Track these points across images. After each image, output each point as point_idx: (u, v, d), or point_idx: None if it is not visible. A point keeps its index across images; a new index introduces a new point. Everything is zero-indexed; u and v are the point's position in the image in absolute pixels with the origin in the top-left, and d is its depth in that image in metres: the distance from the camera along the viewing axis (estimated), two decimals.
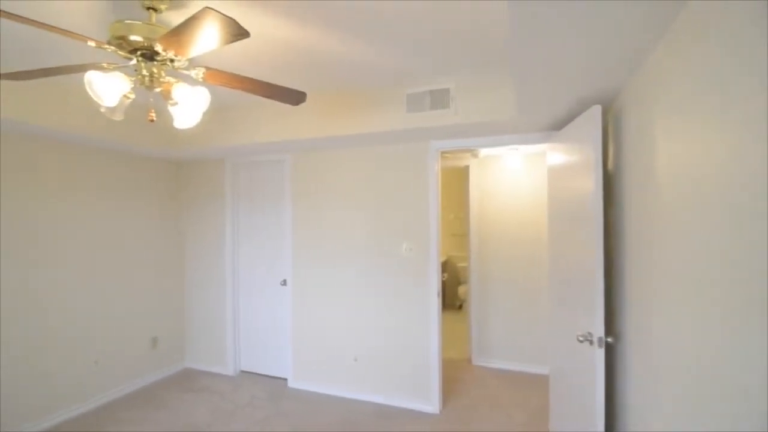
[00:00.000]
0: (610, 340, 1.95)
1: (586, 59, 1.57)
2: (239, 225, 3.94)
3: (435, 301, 3.10)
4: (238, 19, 1.42)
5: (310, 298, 3.56)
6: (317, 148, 3.42)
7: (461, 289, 6.03)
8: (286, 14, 1.77)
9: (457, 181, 5.98)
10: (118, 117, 1.66)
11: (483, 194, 4.14)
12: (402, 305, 3.23)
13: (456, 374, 3.86)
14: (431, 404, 3.13)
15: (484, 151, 3.84)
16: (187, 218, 4.12)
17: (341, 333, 3.44)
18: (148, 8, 1.62)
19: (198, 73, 1.69)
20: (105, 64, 1.59)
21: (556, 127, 2.67)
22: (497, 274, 4.06)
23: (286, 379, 3.70)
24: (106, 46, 1.50)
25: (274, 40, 2.03)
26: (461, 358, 4.28)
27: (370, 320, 3.34)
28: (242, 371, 3.95)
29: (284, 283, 3.68)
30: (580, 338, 1.99)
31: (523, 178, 4.00)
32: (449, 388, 3.52)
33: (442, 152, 3.22)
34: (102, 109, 1.60)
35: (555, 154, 2.56)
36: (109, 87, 1.45)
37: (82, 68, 1.53)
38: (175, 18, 1.76)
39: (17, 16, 1.20)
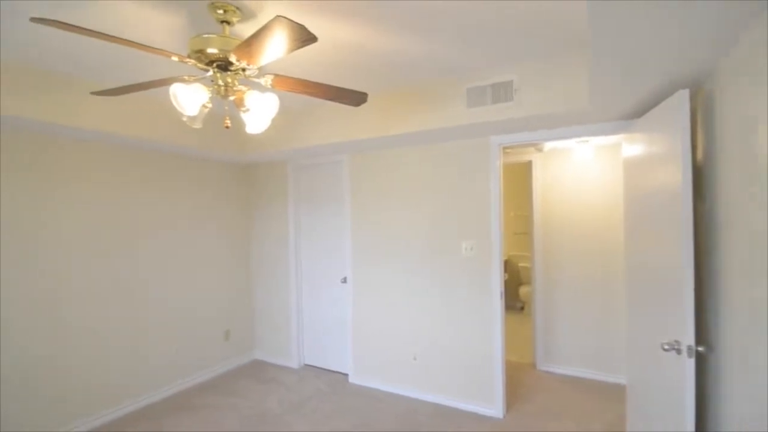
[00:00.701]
0: (701, 349, 1.76)
1: (674, 40, 1.42)
2: (301, 224, 4.10)
3: (498, 302, 2.99)
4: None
5: (370, 295, 3.62)
6: (375, 148, 3.45)
7: (523, 290, 5.79)
8: (346, 16, 1.80)
9: (518, 177, 5.74)
10: (198, 125, 1.79)
11: (548, 190, 3.93)
12: (463, 305, 3.16)
13: (520, 378, 3.70)
14: (495, 408, 3.03)
15: (549, 145, 3.64)
16: (254, 219, 4.37)
17: (400, 331, 3.46)
18: (222, 22, 1.73)
19: (267, 80, 1.78)
20: (186, 77, 1.73)
21: (633, 115, 2.45)
22: (564, 275, 3.83)
23: (347, 375, 3.80)
24: (187, 59, 1.62)
25: (334, 43, 2.07)
26: (525, 362, 4.10)
27: (429, 320, 3.31)
28: (306, 364, 4.11)
29: (344, 280, 3.77)
30: (666, 346, 1.81)
31: (593, 172, 3.73)
32: (513, 392, 3.39)
33: (504, 147, 3.10)
34: (184, 119, 1.74)
35: (632, 145, 2.35)
36: (191, 98, 1.58)
37: (167, 82, 1.68)
38: (246, 29, 1.86)
39: (112, 36, 1.34)
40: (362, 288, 3.66)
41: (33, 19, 1.20)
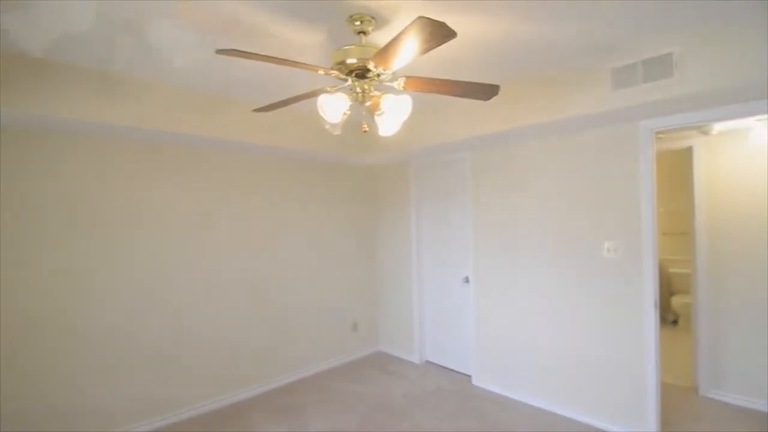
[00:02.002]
0: None
1: None
2: (423, 223, 4.16)
3: (651, 313, 2.59)
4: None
5: (494, 297, 3.48)
6: (500, 142, 3.30)
7: (676, 301, 4.92)
8: (476, 10, 1.76)
9: (669, 167, 4.88)
10: (338, 131, 1.94)
11: (715, 182, 3.25)
12: (604, 314, 2.82)
13: (676, 404, 3.15)
14: None
15: (718, 126, 3.02)
16: (378, 218, 4.59)
17: (528, 337, 3.25)
18: (359, 32, 1.85)
19: (399, 83, 1.84)
20: (328, 88, 1.89)
21: None
22: (739, 285, 3.12)
23: (469, 376, 3.72)
24: (331, 71, 1.77)
25: (460, 38, 2.03)
26: (683, 386, 3.47)
27: (562, 327, 3.04)
28: (427, 361, 4.17)
29: (466, 280, 3.71)
30: None
31: None
32: (669, 418, 2.90)
33: (657, 132, 2.66)
34: (327, 126, 1.90)
35: None
36: (335, 106, 1.72)
37: (315, 94, 1.85)
38: (380, 37, 1.95)
39: (277, 58, 1.53)
40: (486, 289, 3.55)
41: (218, 51, 1.44)
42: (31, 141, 2.50)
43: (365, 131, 1.85)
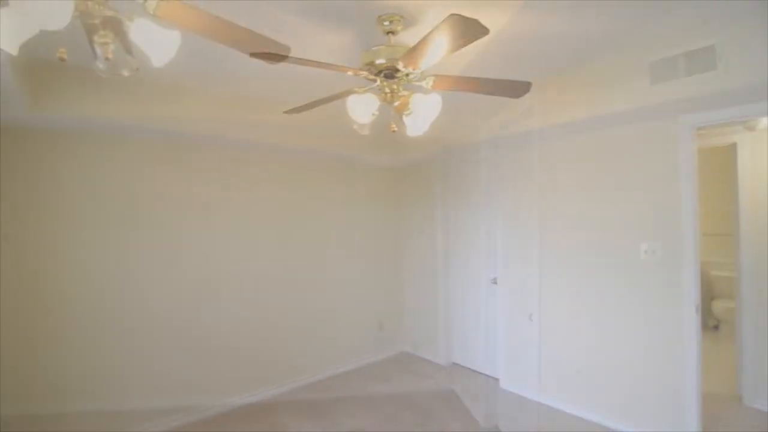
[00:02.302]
0: None
1: None
2: (449, 224, 4.12)
3: (692, 318, 2.46)
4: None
5: (524, 299, 3.40)
6: (532, 141, 3.20)
7: (718, 305, 4.68)
8: (506, 6, 1.72)
9: (710, 164, 4.61)
10: (366, 132, 1.95)
11: (761, 180, 3.06)
12: (640, 318, 2.71)
13: (718, 413, 2.98)
14: None
15: (765, 121, 2.85)
16: (404, 219, 4.56)
17: (561, 341, 3.16)
18: (388, 33, 1.84)
19: (428, 82, 1.82)
20: (356, 89, 1.89)
21: None
22: None
23: (497, 380, 3.65)
24: (360, 72, 1.78)
25: (492, 34, 1.99)
26: (725, 394, 3.29)
27: (597, 332, 2.94)
28: (453, 363, 4.12)
29: (494, 281, 3.64)
30: None
31: None
32: (710, 429, 2.74)
33: (698, 128, 2.53)
34: (355, 126, 1.91)
35: None
36: (365, 107, 1.73)
37: (344, 95, 1.86)
38: (407, 37, 1.93)
39: (312, 61, 1.55)
40: (515, 290, 3.47)
41: (252, 54, 1.46)
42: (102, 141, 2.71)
43: (393, 131, 1.84)
